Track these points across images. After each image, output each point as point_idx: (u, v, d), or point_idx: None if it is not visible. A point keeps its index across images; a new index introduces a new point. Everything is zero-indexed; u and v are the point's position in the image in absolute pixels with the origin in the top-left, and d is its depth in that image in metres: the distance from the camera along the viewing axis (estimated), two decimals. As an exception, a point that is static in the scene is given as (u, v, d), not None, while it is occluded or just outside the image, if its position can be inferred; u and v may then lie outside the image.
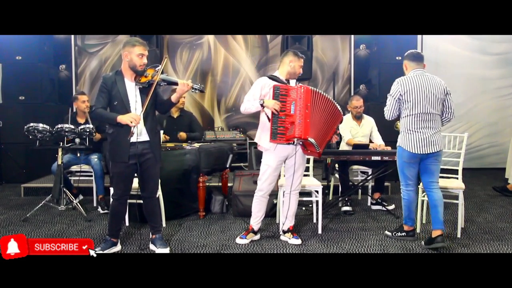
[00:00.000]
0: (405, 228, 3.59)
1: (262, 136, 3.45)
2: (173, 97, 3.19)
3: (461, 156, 3.84)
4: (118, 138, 3.12)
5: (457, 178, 3.85)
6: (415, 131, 3.35)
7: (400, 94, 3.36)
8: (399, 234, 3.61)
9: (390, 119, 3.49)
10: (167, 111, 3.80)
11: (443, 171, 3.98)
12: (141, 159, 3.17)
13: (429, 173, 3.44)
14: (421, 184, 3.65)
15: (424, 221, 3.98)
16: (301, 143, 3.35)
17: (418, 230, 3.78)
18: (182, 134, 4.81)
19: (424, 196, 3.82)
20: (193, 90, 3.14)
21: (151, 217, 3.37)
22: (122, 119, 3.01)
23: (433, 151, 3.35)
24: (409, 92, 3.33)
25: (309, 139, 3.24)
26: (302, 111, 3.24)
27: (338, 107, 3.40)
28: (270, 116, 3.32)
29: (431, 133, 3.34)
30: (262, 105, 3.31)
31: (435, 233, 3.34)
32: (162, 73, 3.12)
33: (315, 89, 3.35)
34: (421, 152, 3.35)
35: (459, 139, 3.95)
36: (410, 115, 3.35)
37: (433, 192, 3.43)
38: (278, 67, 3.55)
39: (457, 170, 3.87)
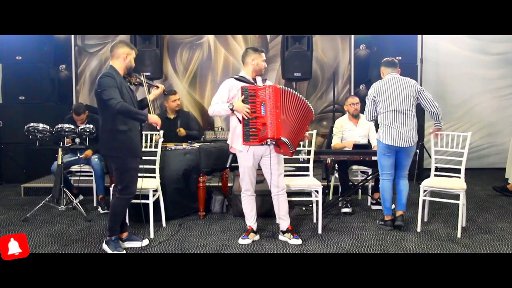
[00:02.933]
0: (385, 218, 3.87)
1: (234, 139, 3.46)
2: (151, 97, 3.46)
3: (464, 155, 3.82)
4: (132, 135, 3.19)
5: (459, 178, 3.84)
6: (390, 126, 3.75)
7: (374, 96, 3.81)
8: (379, 222, 3.96)
9: (370, 119, 3.90)
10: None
11: (446, 170, 3.98)
12: None
13: (400, 167, 3.86)
14: (426, 184, 3.83)
15: (425, 219, 3.99)
16: (274, 143, 3.37)
17: (418, 229, 3.79)
18: (182, 130, 4.81)
19: (425, 196, 3.85)
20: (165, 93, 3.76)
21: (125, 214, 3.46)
22: (152, 118, 3.25)
23: (405, 146, 3.74)
24: (382, 93, 3.77)
25: (282, 138, 3.27)
26: (273, 111, 3.26)
27: (309, 105, 3.40)
28: (241, 119, 3.34)
29: (406, 129, 3.72)
30: (232, 109, 3.35)
31: (398, 213, 3.83)
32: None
33: (283, 87, 3.35)
34: (394, 144, 3.73)
35: (462, 138, 3.94)
36: (384, 112, 3.77)
37: (401, 180, 3.89)
38: (243, 68, 3.56)
39: (459, 169, 3.86)
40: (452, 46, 6.90)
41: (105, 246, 3.28)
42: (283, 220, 3.56)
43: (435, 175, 3.97)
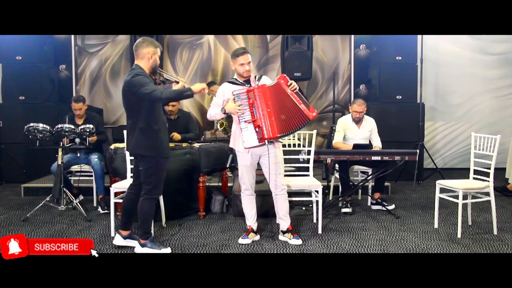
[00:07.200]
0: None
1: (235, 142, 3.49)
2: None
3: (493, 158, 3.89)
4: (161, 135, 3.19)
5: (487, 181, 3.84)
6: None
7: None
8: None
9: None
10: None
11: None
12: None
13: None
14: (437, 183, 3.88)
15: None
16: (273, 142, 3.39)
17: (436, 226, 3.87)
18: (176, 135, 4.70)
19: (441, 194, 3.86)
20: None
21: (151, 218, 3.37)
22: (196, 88, 3.13)
23: None
24: None
25: (278, 136, 3.32)
26: (264, 111, 3.29)
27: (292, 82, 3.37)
28: (237, 121, 3.37)
29: None
30: (224, 113, 3.38)
31: None
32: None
33: (268, 84, 3.36)
34: None
35: (491, 141, 3.94)
36: None
37: None
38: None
39: (483, 171, 3.88)
40: (452, 46, 6.89)
41: (143, 249, 3.26)
42: (283, 220, 3.56)
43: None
